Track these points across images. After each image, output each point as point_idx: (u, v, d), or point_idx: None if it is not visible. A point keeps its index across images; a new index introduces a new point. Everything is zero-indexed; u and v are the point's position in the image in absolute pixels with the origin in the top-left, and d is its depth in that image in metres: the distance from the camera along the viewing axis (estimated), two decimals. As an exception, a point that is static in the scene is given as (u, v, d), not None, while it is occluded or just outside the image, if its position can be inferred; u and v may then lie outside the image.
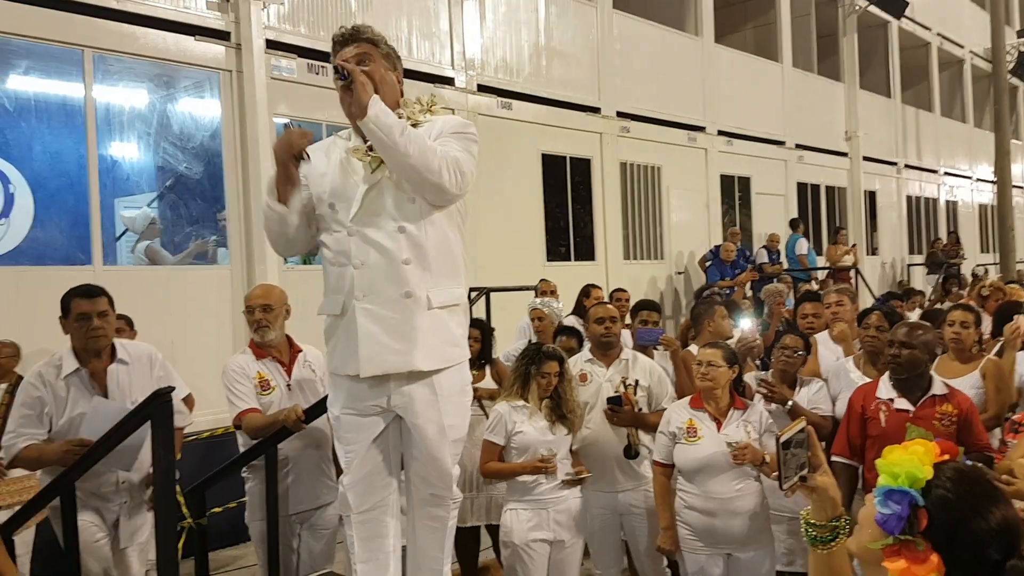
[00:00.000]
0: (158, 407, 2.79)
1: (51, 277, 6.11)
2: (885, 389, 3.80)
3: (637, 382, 4.24)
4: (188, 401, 4.11)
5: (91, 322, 3.53)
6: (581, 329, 6.38)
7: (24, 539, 4.48)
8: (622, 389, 4.18)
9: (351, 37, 2.70)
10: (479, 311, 7.68)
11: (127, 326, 5.30)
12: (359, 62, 2.63)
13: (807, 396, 4.22)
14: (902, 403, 3.72)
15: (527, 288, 7.79)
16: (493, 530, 4.79)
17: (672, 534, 3.81)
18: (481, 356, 4.99)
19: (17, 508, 4.20)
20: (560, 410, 4.01)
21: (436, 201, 2.66)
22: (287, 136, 2.63)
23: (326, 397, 3.03)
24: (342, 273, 2.65)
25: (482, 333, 4.94)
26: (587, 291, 7.19)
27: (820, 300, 5.25)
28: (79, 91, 6.57)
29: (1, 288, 5.96)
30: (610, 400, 4.15)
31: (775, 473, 1.81)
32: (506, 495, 4.08)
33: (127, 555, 3.72)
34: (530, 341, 5.56)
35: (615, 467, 4.19)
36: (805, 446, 1.78)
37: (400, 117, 2.63)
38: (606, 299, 6.67)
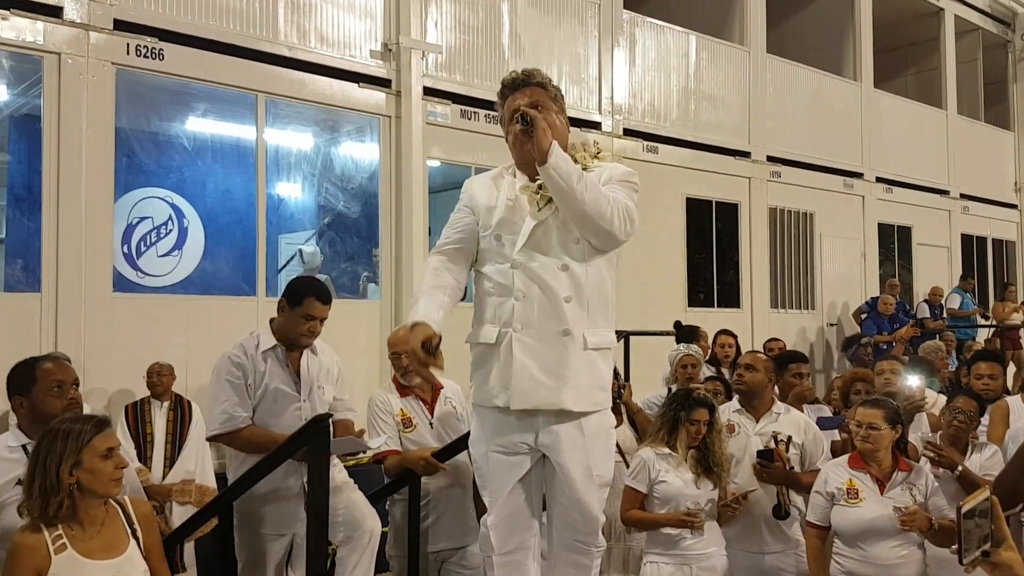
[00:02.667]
0: (315, 433, 2.89)
1: (217, 306, 6.51)
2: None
3: (790, 438, 4.03)
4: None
5: (313, 323, 3.65)
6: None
7: (190, 549, 4.72)
8: (773, 444, 3.99)
9: (523, 82, 2.76)
10: (618, 356, 7.59)
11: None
12: (532, 108, 2.68)
13: (979, 462, 3.89)
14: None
15: (667, 333, 7.64)
16: (628, 583, 4.66)
17: (827, 600, 3.58)
18: (616, 398, 4.90)
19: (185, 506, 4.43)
20: (707, 462, 3.85)
21: (602, 246, 2.68)
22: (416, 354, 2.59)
23: (467, 434, 3.03)
24: (502, 303, 2.67)
25: (615, 376, 4.86)
26: (715, 337, 6.98)
27: (998, 360, 4.87)
28: (251, 133, 7.02)
29: (172, 314, 6.39)
30: (760, 454, 3.95)
31: (954, 546, 1.66)
32: (646, 546, 3.95)
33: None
34: (669, 389, 5.42)
35: (763, 527, 3.97)
36: (989, 517, 1.63)
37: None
38: (749, 347, 6.46)
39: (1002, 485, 3.20)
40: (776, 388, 4.31)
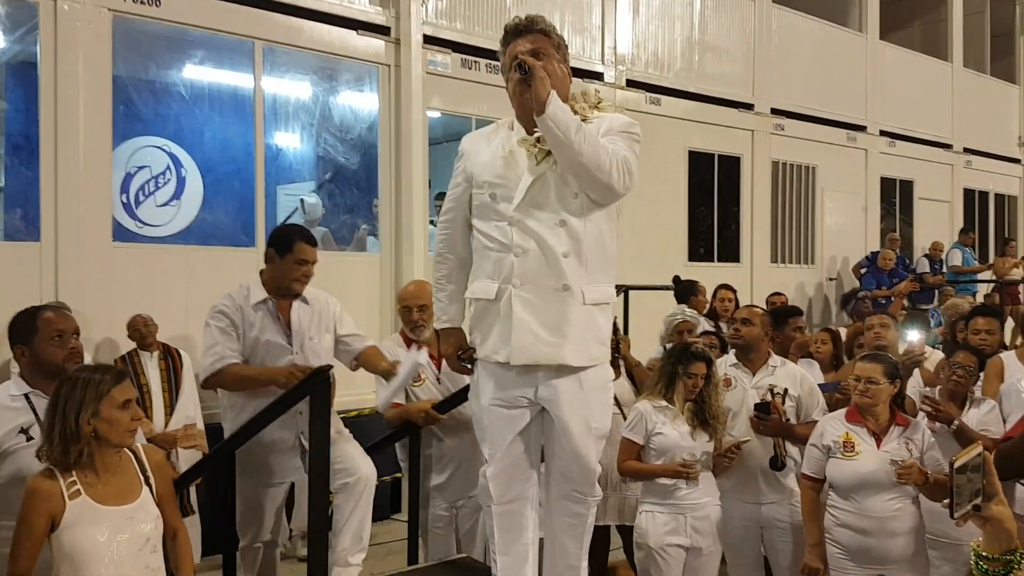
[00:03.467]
0: (318, 383, 2.91)
1: (217, 257, 6.50)
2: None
3: (786, 391, 4.07)
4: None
5: (306, 267, 3.64)
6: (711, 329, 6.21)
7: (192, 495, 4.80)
8: (769, 397, 4.03)
9: (525, 28, 2.71)
10: (617, 309, 7.60)
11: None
12: (533, 55, 2.64)
13: (977, 417, 3.92)
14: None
15: (667, 288, 7.64)
16: (624, 531, 4.73)
17: (820, 551, 3.64)
18: (614, 351, 4.91)
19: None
20: (703, 415, 3.91)
21: (601, 199, 2.65)
22: None
23: (467, 387, 3.06)
24: (501, 259, 2.67)
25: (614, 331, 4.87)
26: (715, 292, 6.99)
27: (995, 315, 4.88)
28: (249, 81, 6.93)
29: (172, 265, 6.39)
30: (757, 407, 4.00)
31: (946, 500, 1.68)
32: (642, 496, 4.01)
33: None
34: (665, 349, 5.44)
35: (759, 478, 4.04)
36: (981, 472, 1.65)
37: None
38: (749, 302, 6.47)
39: (1010, 458, 3.18)
40: (771, 342, 4.34)
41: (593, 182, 2.58)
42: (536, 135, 2.62)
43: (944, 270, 11.88)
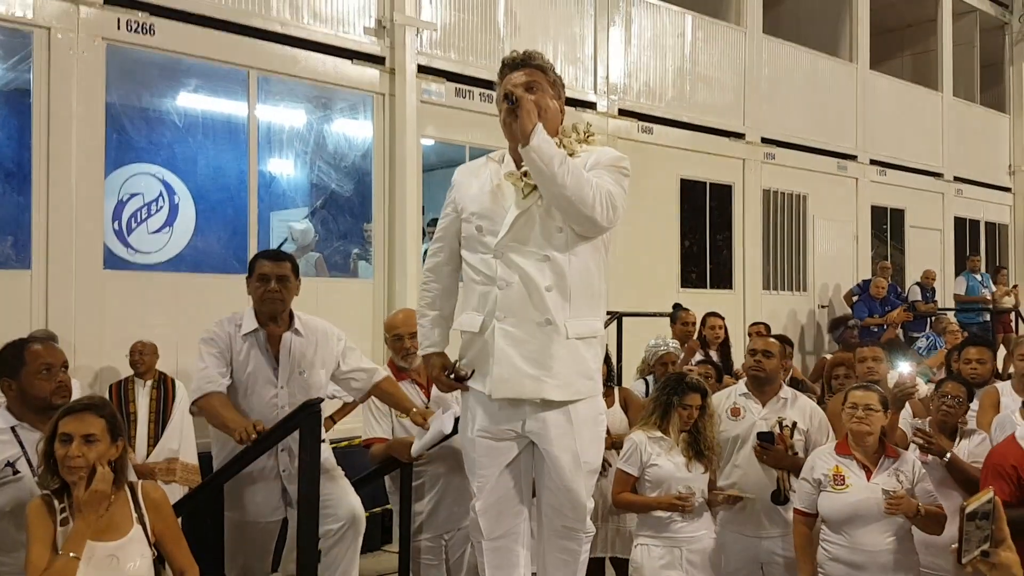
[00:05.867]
0: (306, 417, 2.87)
1: (208, 284, 6.48)
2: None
3: (795, 424, 4.02)
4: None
5: (269, 284, 3.55)
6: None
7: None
8: (777, 429, 3.98)
9: (522, 62, 2.74)
10: (610, 336, 7.60)
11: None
12: (527, 88, 2.66)
13: (967, 448, 3.91)
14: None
15: (661, 315, 7.64)
16: (618, 563, 4.68)
17: (813, 586, 3.60)
18: (607, 380, 4.90)
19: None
20: (698, 446, 3.88)
21: (585, 232, 2.66)
22: None
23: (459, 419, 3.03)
24: (486, 292, 2.67)
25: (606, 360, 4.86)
26: (703, 320, 6.95)
27: (987, 345, 4.87)
28: (243, 110, 6.95)
29: (162, 292, 6.36)
30: (760, 436, 3.93)
31: (954, 546, 1.67)
32: (637, 529, 3.97)
33: None
34: (645, 381, 5.41)
35: (761, 511, 3.98)
36: (991, 518, 1.65)
37: (558, 146, 2.63)
38: (740, 328, 6.46)
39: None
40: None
41: (576, 215, 2.59)
42: (523, 169, 2.64)
43: (935, 299, 11.89)
